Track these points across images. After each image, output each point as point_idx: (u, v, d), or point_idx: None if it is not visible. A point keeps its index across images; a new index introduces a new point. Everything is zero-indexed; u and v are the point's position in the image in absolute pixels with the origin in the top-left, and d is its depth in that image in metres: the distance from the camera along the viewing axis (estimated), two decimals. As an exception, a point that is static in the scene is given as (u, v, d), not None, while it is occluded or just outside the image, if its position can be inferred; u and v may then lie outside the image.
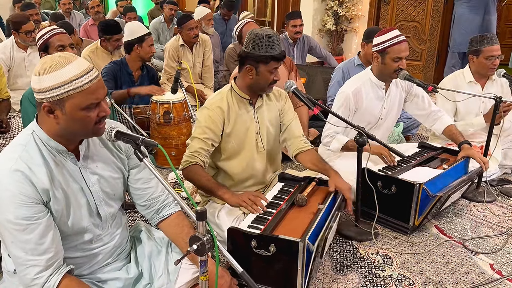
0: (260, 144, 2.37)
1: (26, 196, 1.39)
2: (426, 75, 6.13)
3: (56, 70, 1.37)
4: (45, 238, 1.42)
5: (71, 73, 1.37)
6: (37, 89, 1.39)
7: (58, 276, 1.44)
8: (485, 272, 2.24)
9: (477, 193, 3.00)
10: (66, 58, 1.40)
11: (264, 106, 2.37)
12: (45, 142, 1.47)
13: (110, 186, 1.65)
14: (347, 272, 2.24)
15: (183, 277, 1.69)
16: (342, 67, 3.79)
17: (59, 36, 2.49)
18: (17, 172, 1.39)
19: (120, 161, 1.69)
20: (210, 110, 2.24)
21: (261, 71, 2.17)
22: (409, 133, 4.03)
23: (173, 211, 1.79)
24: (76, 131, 1.47)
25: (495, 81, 3.27)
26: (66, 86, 1.37)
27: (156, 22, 6.55)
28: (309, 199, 2.21)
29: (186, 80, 4.65)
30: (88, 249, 1.63)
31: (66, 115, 1.41)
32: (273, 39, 2.11)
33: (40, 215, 1.42)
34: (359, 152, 2.37)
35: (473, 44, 3.16)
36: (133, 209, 2.76)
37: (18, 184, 1.38)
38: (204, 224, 1.33)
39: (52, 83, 1.36)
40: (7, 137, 3.37)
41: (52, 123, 1.44)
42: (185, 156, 2.25)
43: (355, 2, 6.62)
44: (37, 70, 1.40)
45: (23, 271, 1.42)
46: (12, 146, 1.48)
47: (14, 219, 1.38)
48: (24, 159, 1.42)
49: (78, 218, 1.55)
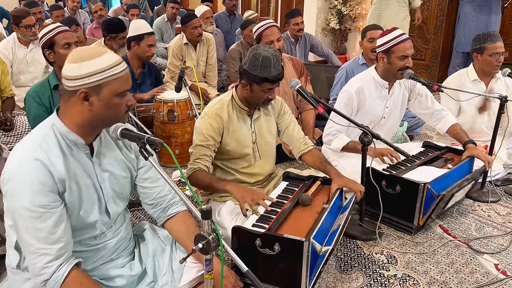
0: (256, 154, 2.42)
1: (44, 185, 1.42)
2: (430, 74, 6.11)
3: (96, 58, 1.43)
4: (58, 227, 1.45)
5: (110, 61, 1.45)
6: (75, 75, 1.42)
7: (67, 267, 1.46)
8: (489, 272, 2.23)
9: (482, 193, 2.99)
10: (100, 49, 1.49)
11: (261, 117, 2.42)
12: (64, 135, 1.50)
13: (119, 184, 1.67)
14: (351, 271, 2.23)
15: (187, 276, 1.70)
16: (346, 67, 3.79)
17: (65, 34, 2.50)
18: (37, 161, 1.42)
19: (130, 161, 1.71)
20: (210, 118, 2.28)
21: (255, 90, 2.21)
22: (413, 133, 4.01)
23: (179, 209, 1.80)
24: (107, 118, 1.51)
25: (499, 79, 3.27)
26: (105, 72, 1.43)
27: (159, 21, 6.55)
28: (313, 198, 2.21)
29: (190, 79, 4.65)
30: (93, 244, 1.65)
31: (101, 101, 1.45)
32: (269, 62, 2.12)
33: (55, 204, 1.45)
34: (363, 152, 2.36)
35: (476, 42, 3.17)
36: (137, 208, 2.77)
37: (37, 172, 1.41)
38: (209, 222, 1.33)
39: (93, 68, 1.42)
40: (11, 135, 3.38)
41: (83, 111, 1.47)
42: (189, 164, 2.29)
43: (359, 1, 6.60)
44: (73, 58, 1.45)
45: (33, 260, 1.44)
46: (32, 135, 1.51)
47: (30, 206, 1.40)
48: (43, 149, 1.45)
49: (88, 213, 1.58)
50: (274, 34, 3.24)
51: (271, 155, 2.54)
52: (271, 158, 2.54)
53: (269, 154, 2.50)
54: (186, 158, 2.55)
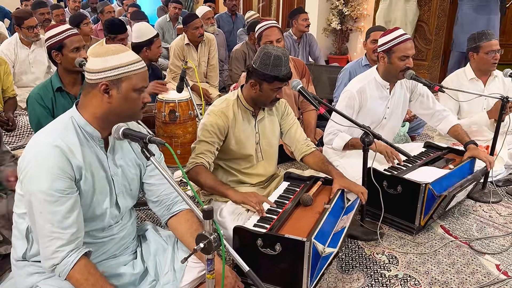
0: (259, 155, 2.43)
1: (62, 170, 1.48)
2: (431, 74, 6.10)
3: (121, 53, 1.53)
4: (72, 213, 1.49)
5: (132, 57, 1.55)
6: (99, 68, 1.51)
7: (78, 254, 1.50)
8: (491, 273, 2.23)
9: (483, 193, 2.99)
10: (121, 46, 1.59)
11: (265, 118, 2.43)
12: (82, 127, 1.58)
13: (129, 180, 1.73)
14: (352, 271, 2.24)
15: (188, 275, 1.71)
16: (349, 68, 3.79)
17: (75, 37, 2.48)
18: (56, 148, 1.48)
19: (140, 158, 1.75)
20: (216, 115, 2.29)
21: (264, 89, 2.22)
22: (415, 133, 4.02)
23: (183, 207, 1.82)
24: (124, 112, 1.58)
25: (497, 77, 3.30)
26: (128, 67, 1.53)
27: (162, 21, 6.56)
28: (314, 198, 2.22)
29: (192, 79, 4.66)
30: (99, 237, 1.68)
31: (120, 94, 1.54)
32: (280, 61, 2.15)
33: (71, 190, 1.50)
34: (365, 152, 2.36)
35: (471, 41, 3.22)
36: (139, 208, 2.77)
37: (57, 158, 1.47)
38: (211, 222, 1.34)
39: (117, 62, 1.52)
40: (13, 135, 3.39)
41: (102, 104, 1.55)
42: (190, 159, 2.29)
43: (361, 1, 6.60)
44: (98, 53, 1.54)
45: (46, 243, 1.48)
46: (53, 125, 1.59)
47: (47, 190, 1.45)
48: (62, 137, 1.52)
49: (100, 203, 1.62)
50: (274, 34, 3.23)
51: (274, 157, 2.54)
52: (273, 159, 2.54)
53: (271, 155, 2.51)
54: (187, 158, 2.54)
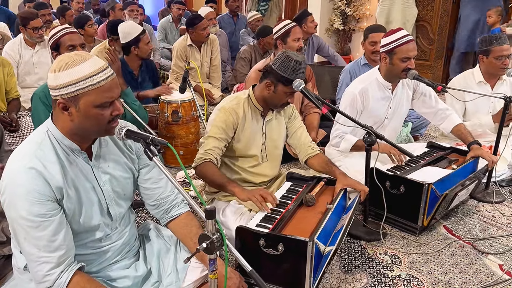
0: (264, 155, 2.43)
1: (40, 194, 1.40)
2: (434, 74, 6.10)
3: (72, 67, 1.39)
4: (57, 235, 1.43)
5: (87, 71, 1.39)
6: (53, 85, 1.41)
7: (69, 273, 1.45)
8: (494, 273, 2.23)
9: (486, 193, 2.99)
10: (82, 56, 1.42)
11: (273, 120, 2.44)
12: (59, 141, 1.49)
13: (120, 185, 1.66)
14: (355, 272, 2.23)
15: (191, 276, 1.70)
16: (348, 69, 3.79)
17: (70, 35, 2.50)
18: (32, 169, 1.40)
19: (131, 161, 1.70)
20: (227, 112, 2.29)
21: (279, 90, 2.24)
22: (418, 133, 4.01)
23: (182, 211, 1.80)
24: (89, 129, 1.48)
25: (505, 81, 3.26)
26: (81, 83, 1.39)
27: (165, 22, 6.58)
28: (317, 198, 2.21)
29: (194, 80, 4.67)
30: (98, 246, 1.64)
31: (80, 112, 1.42)
32: (300, 66, 2.18)
33: (53, 213, 1.43)
34: (367, 152, 2.36)
35: (483, 44, 3.16)
36: (142, 208, 2.78)
37: (33, 182, 1.39)
38: (213, 222, 1.33)
39: (67, 79, 1.38)
40: (17, 136, 3.40)
41: (66, 121, 1.46)
42: (198, 154, 2.28)
43: (363, 2, 6.59)
44: (53, 68, 1.42)
45: (35, 268, 1.44)
46: (27, 143, 1.49)
47: (27, 216, 1.39)
48: (38, 157, 1.43)
49: (90, 217, 1.57)
50: (299, 33, 3.47)
51: (278, 159, 2.55)
52: (277, 161, 2.55)
53: (276, 157, 2.51)
54: (190, 159, 2.55)
